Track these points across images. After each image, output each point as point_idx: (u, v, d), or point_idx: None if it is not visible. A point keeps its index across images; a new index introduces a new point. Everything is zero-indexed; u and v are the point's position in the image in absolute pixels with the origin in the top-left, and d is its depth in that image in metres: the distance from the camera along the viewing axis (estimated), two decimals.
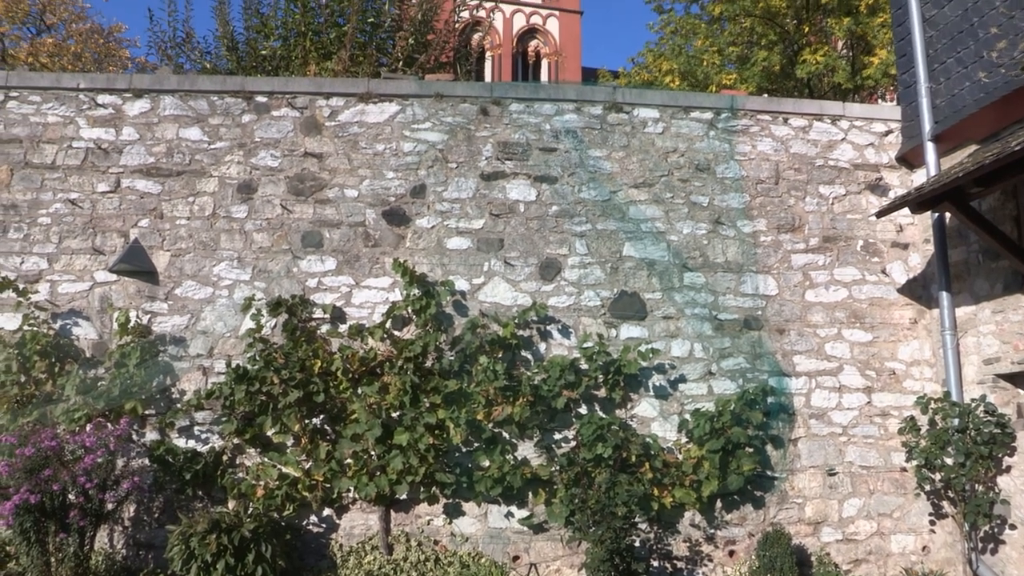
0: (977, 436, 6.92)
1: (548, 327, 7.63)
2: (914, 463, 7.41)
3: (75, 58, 21.93)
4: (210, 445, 7.10)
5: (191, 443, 7.11)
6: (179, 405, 7.14)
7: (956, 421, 7.10)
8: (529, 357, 7.53)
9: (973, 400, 7.13)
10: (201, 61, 12.98)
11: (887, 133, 8.43)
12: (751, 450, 7.42)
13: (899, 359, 7.97)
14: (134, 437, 7.02)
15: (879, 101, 16.25)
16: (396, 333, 7.44)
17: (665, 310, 7.76)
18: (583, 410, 7.47)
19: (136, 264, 7.30)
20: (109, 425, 6.70)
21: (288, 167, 7.70)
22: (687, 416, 7.52)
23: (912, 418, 7.54)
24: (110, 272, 7.32)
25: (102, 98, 7.69)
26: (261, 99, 7.83)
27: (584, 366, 7.44)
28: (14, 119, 7.55)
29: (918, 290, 8.06)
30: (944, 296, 7.54)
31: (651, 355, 7.45)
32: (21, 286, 7.09)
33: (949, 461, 7.08)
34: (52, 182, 7.46)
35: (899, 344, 8.00)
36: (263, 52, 12.29)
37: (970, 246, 7.40)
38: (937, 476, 7.25)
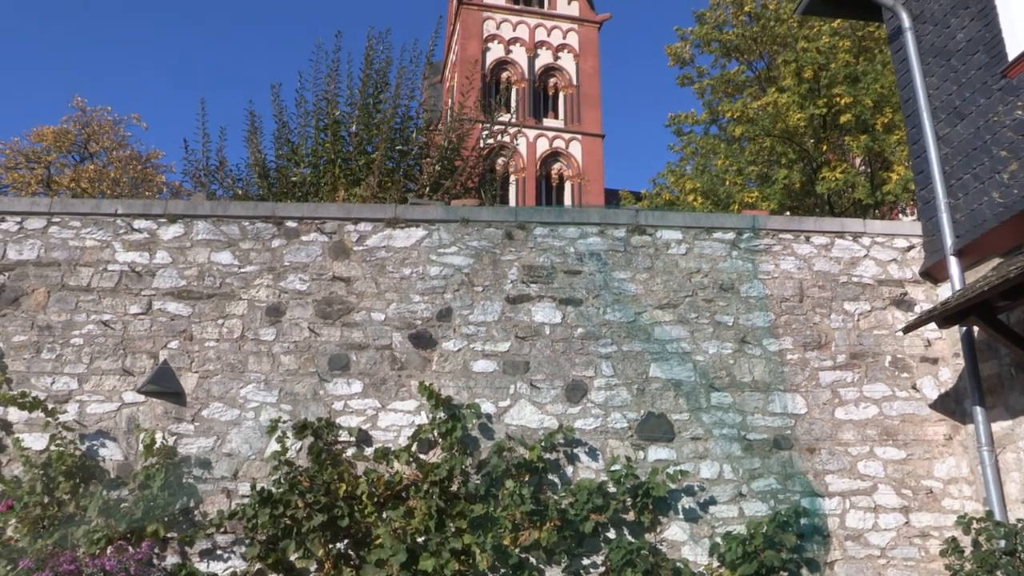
0: None
1: (575, 450, 7.54)
2: None
3: (114, 183, 22.81)
4: (231, 570, 6.97)
5: (213, 566, 6.98)
6: (200, 525, 7.05)
7: (1002, 543, 6.80)
8: (556, 480, 7.42)
9: (1019, 520, 6.86)
10: (233, 187, 13.38)
11: (909, 248, 8.47)
12: (786, 574, 7.18)
13: (935, 477, 7.76)
14: (155, 561, 6.90)
15: (900, 216, 16.39)
16: (422, 456, 7.37)
17: (693, 431, 7.66)
18: (612, 534, 7.29)
19: (164, 385, 7.35)
20: (130, 548, 6.62)
21: (316, 291, 7.83)
22: (718, 539, 7.32)
23: (954, 539, 7.26)
24: (139, 393, 7.37)
25: (138, 223, 7.92)
26: (291, 224, 8.04)
27: (612, 489, 7.31)
28: (54, 243, 7.78)
29: (951, 405, 7.92)
30: (978, 411, 7.38)
31: (680, 477, 7.32)
32: (50, 406, 7.12)
33: None
34: (86, 304, 7.61)
35: (934, 461, 7.80)
36: (293, 179, 12.66)
37: (1002, 359, 7.29)
38: None
